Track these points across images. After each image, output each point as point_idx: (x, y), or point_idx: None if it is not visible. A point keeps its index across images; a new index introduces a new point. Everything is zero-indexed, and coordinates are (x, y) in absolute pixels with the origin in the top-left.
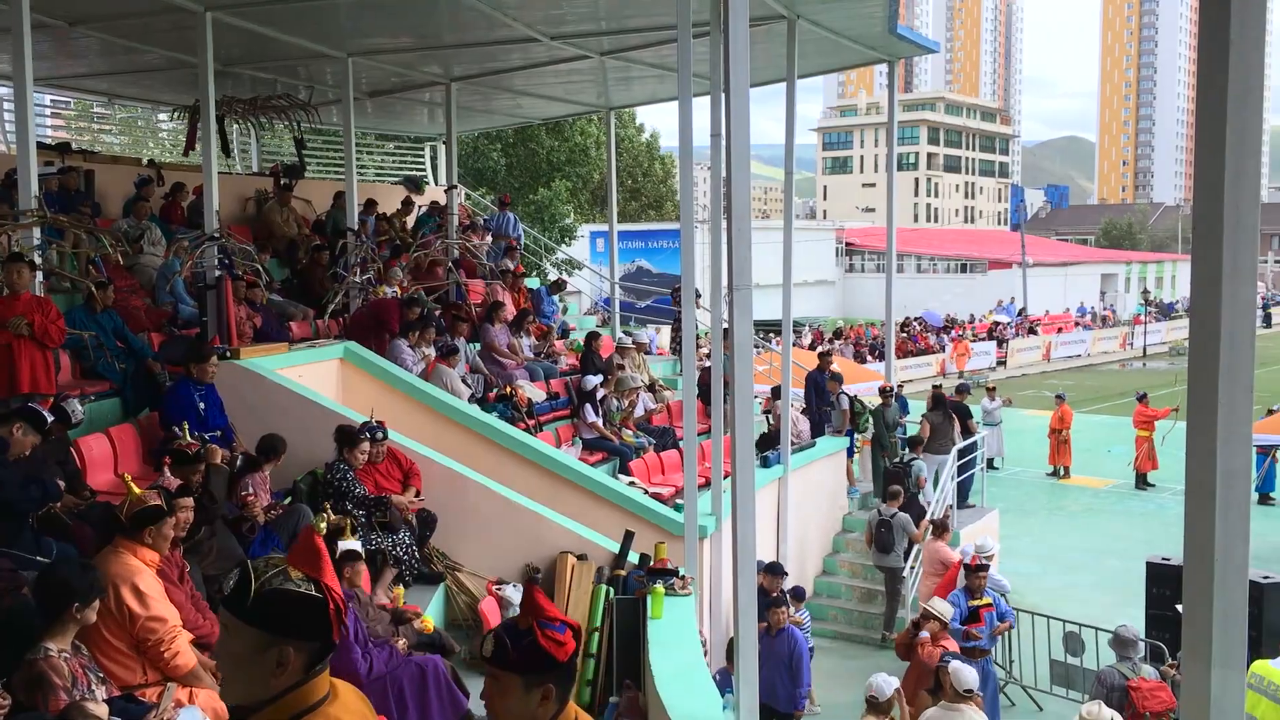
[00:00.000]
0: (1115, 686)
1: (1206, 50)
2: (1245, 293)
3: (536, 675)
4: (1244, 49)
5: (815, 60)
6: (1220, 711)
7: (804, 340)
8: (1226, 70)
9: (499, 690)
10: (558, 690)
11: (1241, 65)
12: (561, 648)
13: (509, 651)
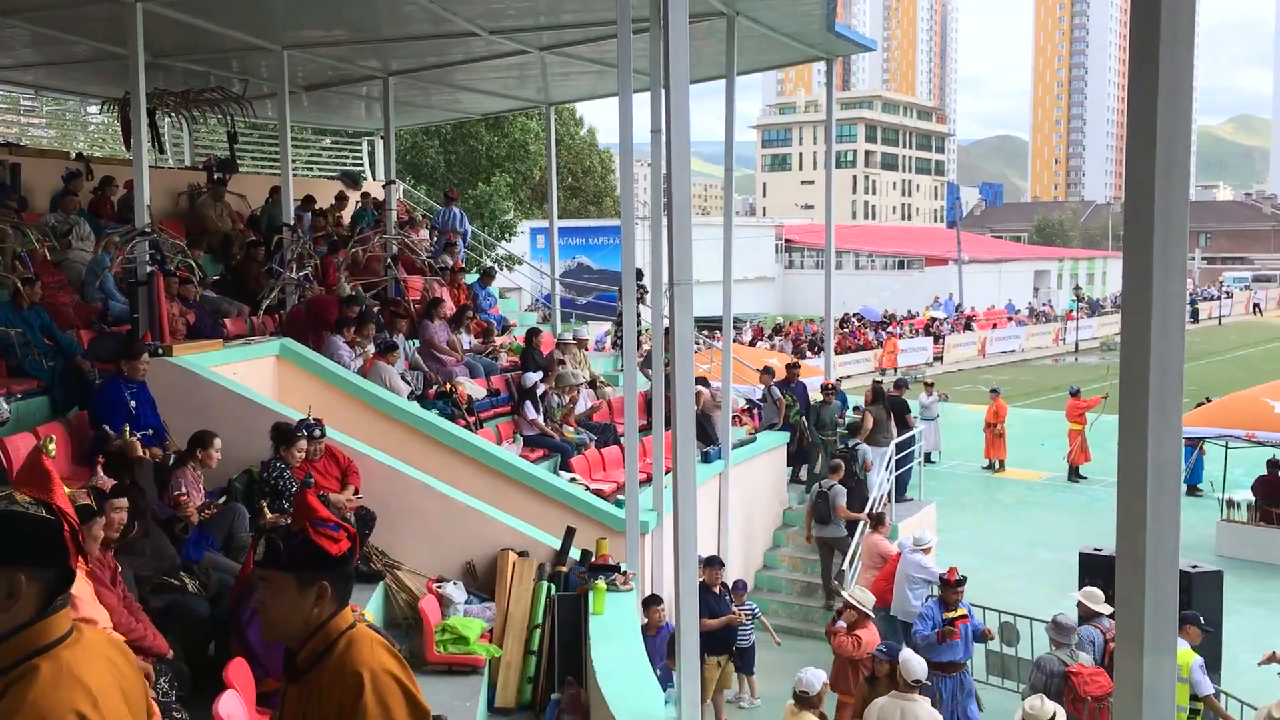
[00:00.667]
0: (1054, 673)
1: (1137, 52)
2: (1175, 289)
3: (310, 573)
4: (1173, 50)
5: (754, 57)
6: (1152, 696)
7: (744, 337)
8: (1156, 72)
9: (272, 593)
10: (333, 590)
11: (1171, 66)
12: (335, 544)
13: (280, 552)
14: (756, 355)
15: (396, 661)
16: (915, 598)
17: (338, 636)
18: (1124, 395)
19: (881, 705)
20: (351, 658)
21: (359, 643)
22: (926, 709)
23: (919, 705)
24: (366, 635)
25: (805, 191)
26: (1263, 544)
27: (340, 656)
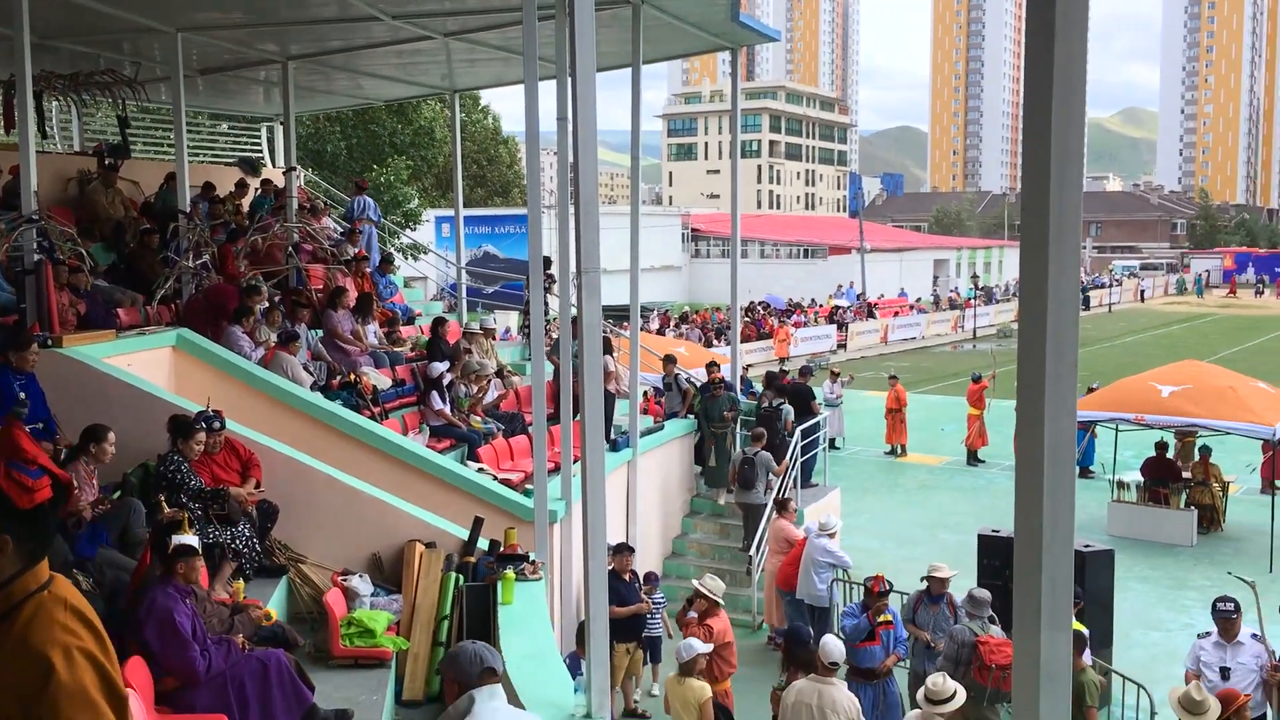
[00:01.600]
0: (965, 642)
1: (1033, 45)
2: (1069, 278)
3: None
4: (1068, 44)
5: (660, 46)
6: (1049, 669)
7: (651, 325)
8: (1051, 65)
9: None
10: (16, 545)
11: (1065, 60)
12: (26, 494)
13: None
14: (664, 344)
15: (92, 635)
16: (821, 581)
17: (22, 600)
18: (1021, 380)
19: (799, 689)
20: (37, 632)
21: (47, 611)
22: (844, 692)
23: (836, 689)
24: (60, 599)
25: (711, 181)
26: (1151, 523)
27: (23, 628)
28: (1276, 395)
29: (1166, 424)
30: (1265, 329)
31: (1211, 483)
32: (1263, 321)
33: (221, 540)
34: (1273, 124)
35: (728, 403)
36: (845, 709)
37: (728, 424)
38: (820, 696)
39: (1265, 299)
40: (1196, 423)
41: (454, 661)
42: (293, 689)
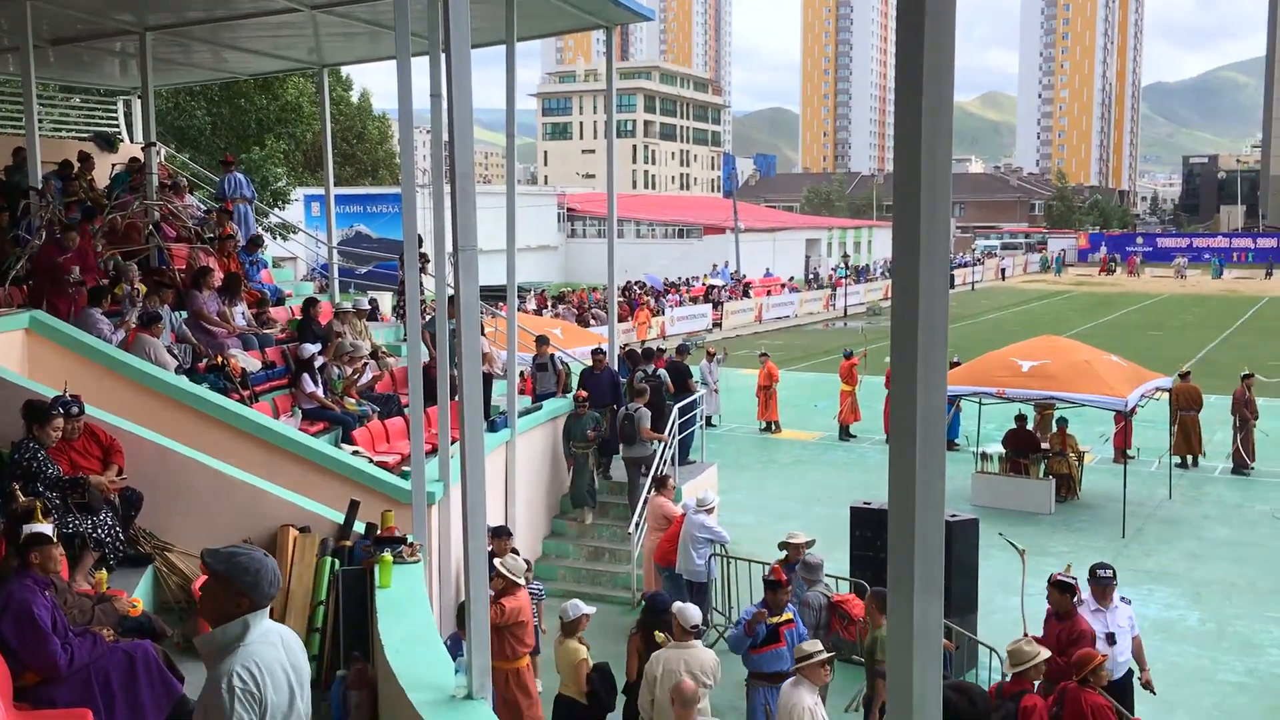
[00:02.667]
0: (821, 606)
1: (904, 32)
2: (939, 257)
3: None
4: (937, 30)
5: (535, 23)
6: (922, 635)
7: (528, 305)
8: (921, 51)
9: None
10: None
11: (934, 46)
12: None
13: None
14: (541, 324)
15: None
16: (699, 557)
17: None
18: (895, 354)
19: (665, 656)
20: None
21: None
22: (707, 653)
23: (699, 651)
24: None
25: (586, 160)
26: (1012, 493)
27: None
28: (1129, 368)
29: (1026, 397)
30: (1117, 305)
31: (1068, 453)
32: (1115, 298)
33: (82, 530)
34: (1124, 108)
35: (591, 422)
36: (711, 669)
37: (589, 444)
38: (687, 662)
39: (1117, 277)
40: (1054, 396)
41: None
42: (161, 680)
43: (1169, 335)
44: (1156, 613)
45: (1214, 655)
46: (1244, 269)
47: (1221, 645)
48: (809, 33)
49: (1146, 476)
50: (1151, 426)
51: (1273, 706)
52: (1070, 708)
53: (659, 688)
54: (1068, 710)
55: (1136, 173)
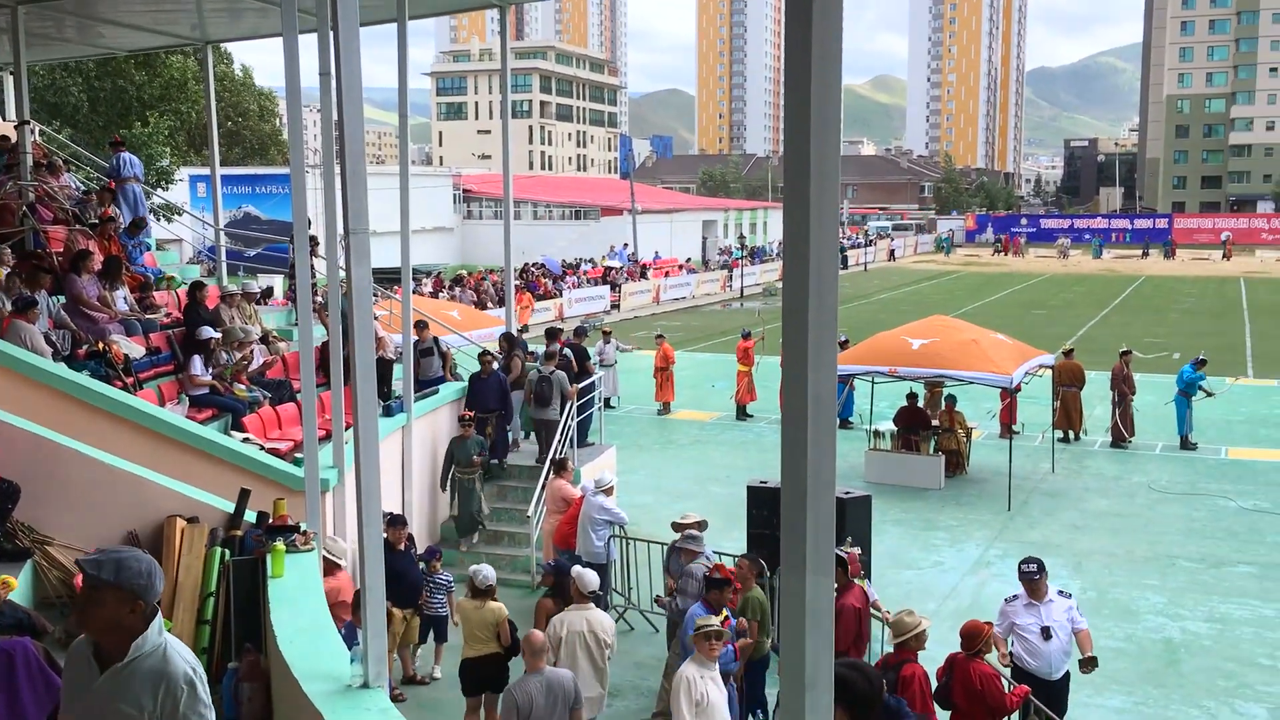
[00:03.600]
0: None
1: (792, 16)
2: (829, 237)
3: None
4: (825, 15)
5: (427, 2)
6: (814, 613)
7: (424, 288)
8: (810, 33)
9: None
10: None
11: (823, 29)
12: None
13: None
14: (437, 307)
15: None
16: (598, 539)
17: None
18: (787, 334)
19: (567, 619)
20: None
21: None
22: (604, 614)
23: (597, 613)
24: None
25: (482, 141)
26: (903, 469)
27: None
28: (1014, 346)
29: (917, 375)
30: (1003, 285)
31: (957, 429)
32: (1001, 278)
33: None
34: (1008, 93)
35: (477, 446)
36: (610, 629)
37: (475, 469)
38: (589, 622)
39: (1003, 257)
40: (944, 374)
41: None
42: (43, 678)
43: (1052, 313)
44: None
45: (1095, 622)
46: (1122, 249)
47: (1102, 612)
48: (704, 14)
49: (1030, 451)
50: (1035, 402)
51: (1151, 670)
52: (960, 678)
53: (563, 648)
54: (957, 680)
55: (1021, 155)
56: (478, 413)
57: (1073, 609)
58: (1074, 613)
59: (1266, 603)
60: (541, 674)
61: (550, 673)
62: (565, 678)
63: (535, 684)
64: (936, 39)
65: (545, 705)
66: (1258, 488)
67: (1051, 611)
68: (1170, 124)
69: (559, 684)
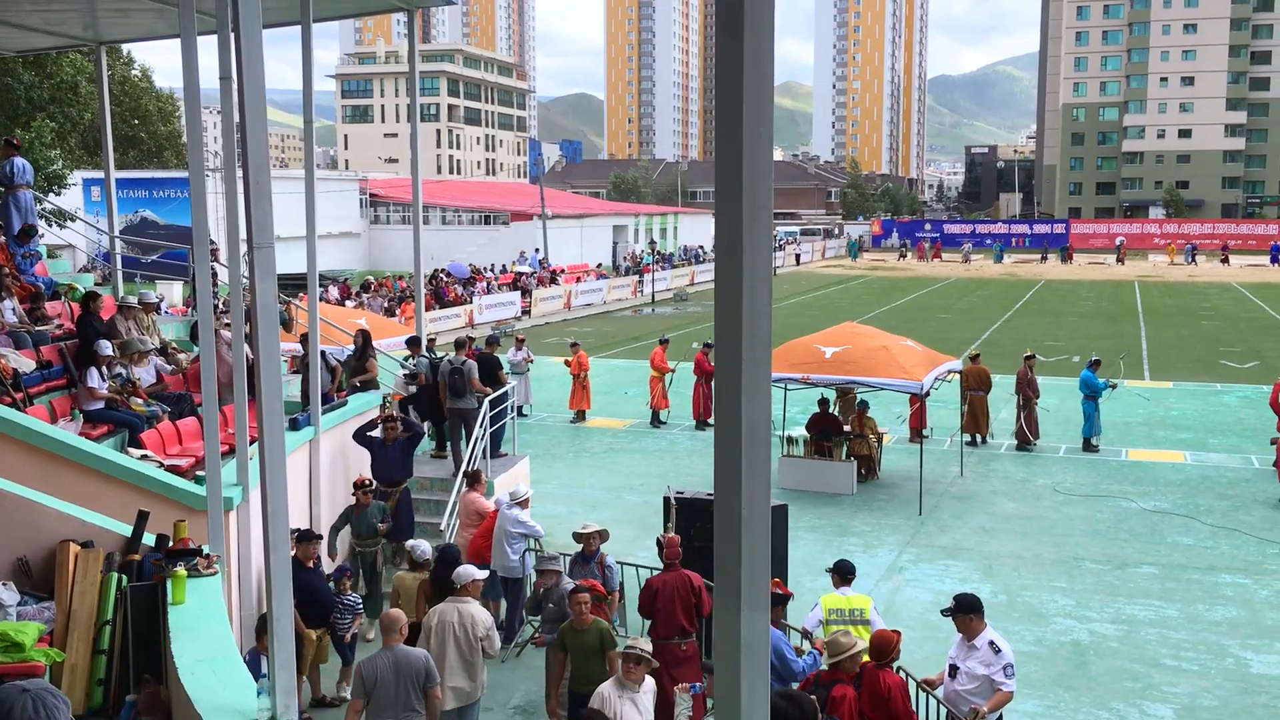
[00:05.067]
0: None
1: (724, 22)
2: (761, 251)
3: None
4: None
5: (333, 4)
6: (750, 650)
7: (330, 295)
8: (741, 44)
9: None
10: None
11: (754, 38)
12: None
13: None
14: (345, 314)
15: None
16: (514, 552)
17: None
18: (720, 358)
19: (440, 610)
20: None
21: None
22: (479, 608)
23: (472, 605)
24: None
25: (389, 144)
26: (817, 475)
27: None
28: (923, 352)
29: (829, 382)
30: (909, 289)
31: (868, 435)
32: (907, 282)
33: None
34: (911, 100)
35: (379, 512)
36: (483, 621)
37: (378, 540)
38: (460, 614)
39: (908, 261)
40: (856, 380)
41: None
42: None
43: (956, 317)
44: (952, 586)
45: (1006, 626)
46: (1022, 254)
47: (1013, 615)
48: (612, 19)
49: (940, 455)
50: (943, 406)
51: (1061, 673)
52: (869, 687)
53: (433, 637)
54: (865, 690)
55: (924, 161)
56: (381, 485)
57: (996, 667)
58: (998, 671)
59: (1169, 603)
60: (392, 651)
61: (401, 650)
62: (417, 657)
63: (385, 660)
64: (841, 46)
65: (393, 681)
66: (1157, 488)
67: (969, 656)
68: (1066, 132)
69: (409, 663)
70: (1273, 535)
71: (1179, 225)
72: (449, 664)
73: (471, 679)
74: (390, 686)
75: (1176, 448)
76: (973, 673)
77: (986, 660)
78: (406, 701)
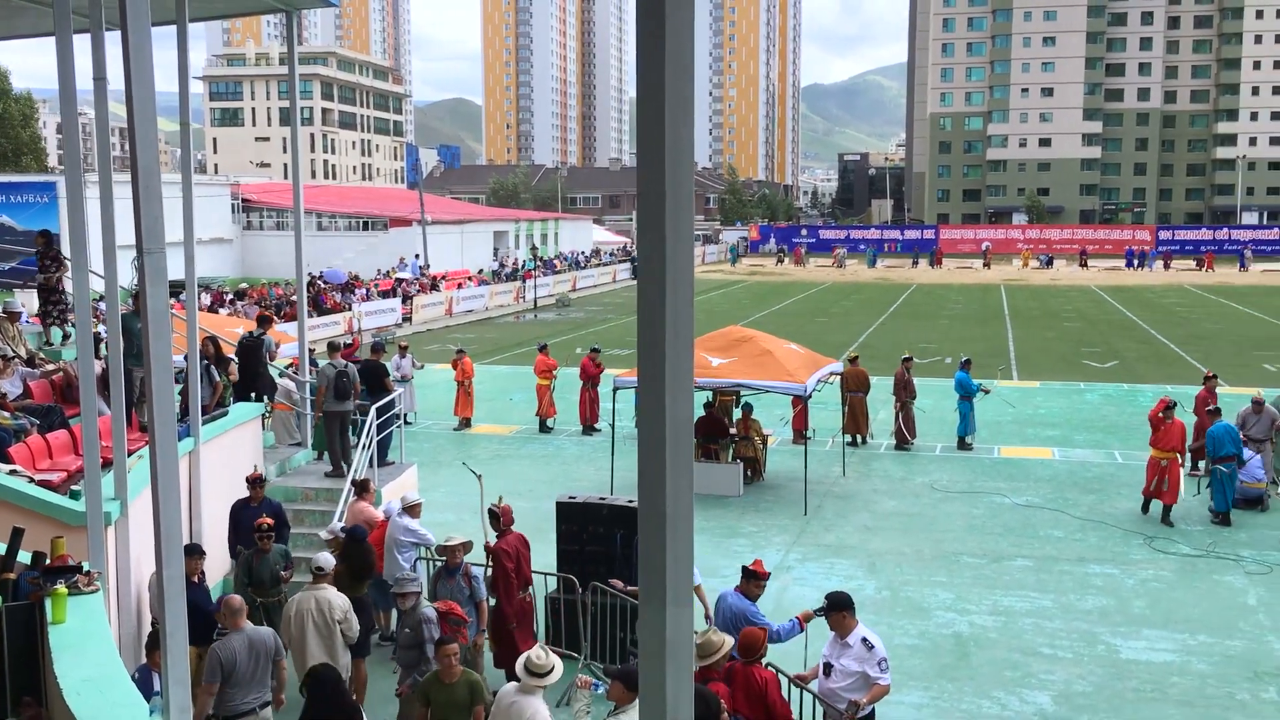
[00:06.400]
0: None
1: (644, 33)
2: (683, 261)
3: None
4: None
5: (208, 4)
6: (674, 646)
7: (204, 301)
8: (664, 52)
9: None
10: None
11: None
12: None
13: None
14: (219, 322)
15: None
16: (405, 561)
17: None
18: (642, 364)
19: (298, 599)
20: None
21: None
22: (337, 595)
23: (330, 592)
24: None
25: (261, 148)
26: (704, 478)
27: None
28: (806, 355)
29: (716, 386)
30: (787, 294)
31: (753, 437)
32: (785, 287)
33: None
34: (785, 108)
35: (281, 559)
36: (339, 605)
37: (280, 589)
38: (317, 602)
39: (786, 266)
40: (742, 384)
41: None
42: None
43: (833, 321)
44: (838, 584)
45: (890, 621)
46: (894, 258)
47: (896, 611)
48: (489, 24)
49: (822, 456)
50: (824, 408)
51: (944, 665)
52: (741, 685)
53: (292, 625)
54: (738, 687)
55: (799, 168)
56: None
57: (870, 662)
58: (872, 666)
59: (1043, 594)
60: (243, 632)
61: (251, 630)
62: (267, 634)
63: (238, 641)
64: (718, 55)
65: (248, 660)
66: (1028, 484)
67: (843, 654)
68: (934, 140)
69: (261, 640)
70: (1137, 527)
71: (1041, 231)
72: (309, 649)
73: (334, 662)
74: (246, 665)
75: (1045, 445)
76: (847, 669)
77: (860, 656)
78: (261, 678)
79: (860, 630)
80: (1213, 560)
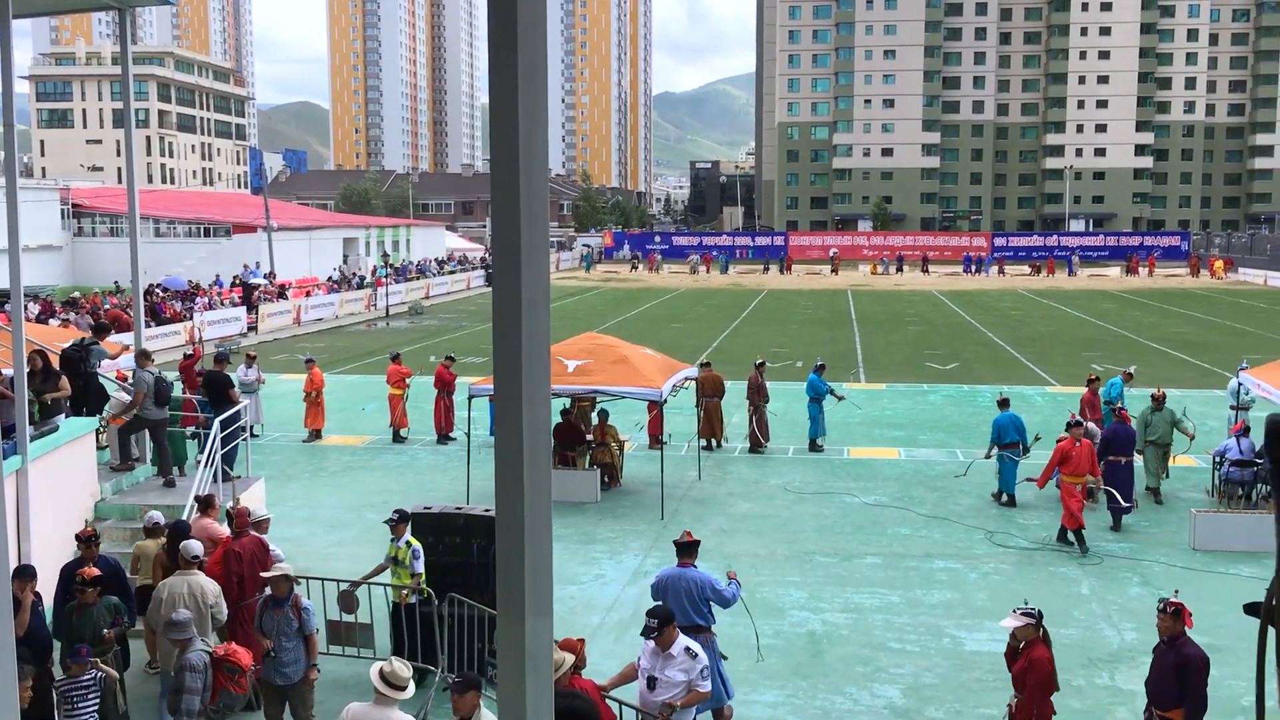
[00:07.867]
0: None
1: (496, 38)
2: (540, 268)
3: None
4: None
5: (36, 0)
6: (534, 657)
7: (32, 311)
8: (516, 57)
9: None
10: None
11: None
12: None
13: None
14: (49, 334)
15: None
16: None
17: None
18: (498, 369)
19: (170, 583)
20: None
21: None
22: (207, 580)
23: (199, 577)
24: None
25: (92, 151)
26: (561, 484)
27: None
28: (661, 360)
29: (573, 393)
30: (642, 300)
31: (610, 443)
32: (639, 293)
33: None
34: (638, 115)
35: (109, 612)
36: (211, 590)
37: (110, 647)
38: (189, 585)
39: (640, 273)
40: (598, 390)
41: None
42: None
43: (688, 326)
44: None
45: (747, 621)
46: (746, 264)
47: (752, 611)
48: (336, 26)
49: (678, 460)
50: (679, 413)
51: (799, 663)
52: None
53: (164, 607)
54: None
55: (651, 175)
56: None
57: (695, 672)
58: (696, 675)
59: (892, 590)
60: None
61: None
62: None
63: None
64: (570, 61)
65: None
66: (876, 483)
67: (667, 665)
68: (782, 149)
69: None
70: (978, 522)
71: (885, 237)
72: None
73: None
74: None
75: (891, 445)
76: (672, 680)
77: (685, 667)
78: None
79: (682, 640)
80: (1049, 552)
